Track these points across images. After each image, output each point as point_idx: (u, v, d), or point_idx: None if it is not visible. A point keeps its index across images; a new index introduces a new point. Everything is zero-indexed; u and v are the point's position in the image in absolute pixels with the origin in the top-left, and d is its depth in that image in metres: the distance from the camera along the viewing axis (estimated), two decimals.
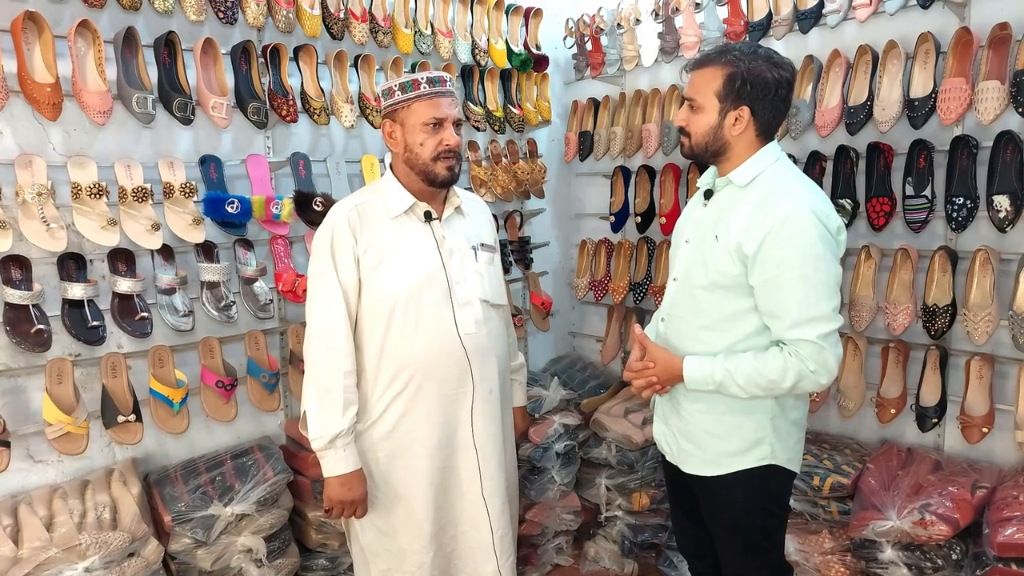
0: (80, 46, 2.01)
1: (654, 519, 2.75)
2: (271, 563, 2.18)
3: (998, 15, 2.06)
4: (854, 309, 2.33)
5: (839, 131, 2.35)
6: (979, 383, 2.17)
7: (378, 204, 1.85)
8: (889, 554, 2.04)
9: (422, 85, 1.77)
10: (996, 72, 2.04)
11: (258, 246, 2.42)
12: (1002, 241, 2.15)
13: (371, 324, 1.81)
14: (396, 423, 1.83)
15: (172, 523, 2.04)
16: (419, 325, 1.80)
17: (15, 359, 2.03)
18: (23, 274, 1.98)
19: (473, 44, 2.83)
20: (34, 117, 2.01)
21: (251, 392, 2.40)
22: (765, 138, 1.67)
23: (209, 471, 2.24)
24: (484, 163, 2.96)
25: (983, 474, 2.13)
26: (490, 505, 1.89)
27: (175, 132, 2.29)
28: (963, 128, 2.16)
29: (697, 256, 1.70)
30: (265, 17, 2.27)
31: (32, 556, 1.80)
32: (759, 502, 1.73)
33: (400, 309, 1.79)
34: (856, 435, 2.54)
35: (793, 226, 1.54)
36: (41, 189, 1.93)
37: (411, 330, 1.80)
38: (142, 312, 2.12)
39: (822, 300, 1.55)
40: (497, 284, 1.97)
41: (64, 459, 2.12)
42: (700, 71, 1.66)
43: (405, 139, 1.80)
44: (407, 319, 1.80)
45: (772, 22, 2.46)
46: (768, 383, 1.58)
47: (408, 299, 1.79)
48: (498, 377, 1.92)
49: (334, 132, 2.67)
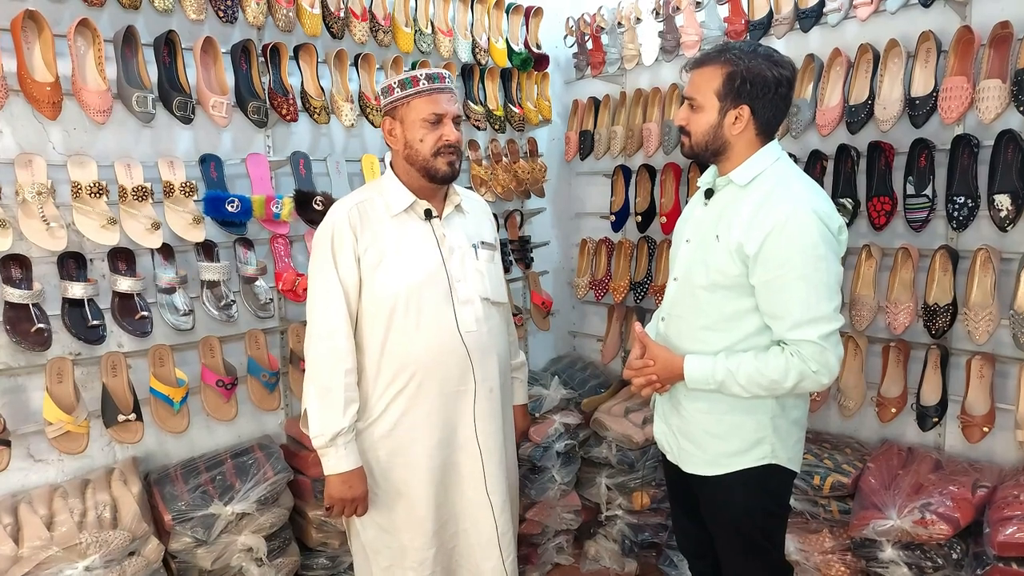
0: (80, 45, 2.00)
1: (654, 518, 2.75)
2: (271, 562, 2.18)
3: (999, 14, 2.06)
4: (855, 308, 2.33)
5: (840, 130, 2.34)
6: (980, 382, 2.16)
7: (378, 202, 1.84)
8: (889, 553, 2.04)
9: (421, 81, 1.77)
10: (997, 71, 2.04)
11: (258, 245, 2.42)
12: (1003, 240, 2.15)
13: (372, 323, 1.81)
14: (397, 421, 1.83)
15: (172, 522, 2.04)
16: (420, 323, 1.80)
17: (15, 358, 2.03)
18: (23, 273, 1.98)
19: (473, 43, 2.82)
20: (34, 116, 2.01)
21: (251, 391, 2.40)
22: (765, 137, 1.67)
23: (209, 470, 2.24)
24: (484, 162, 2.96)
25: (984, 473, 2.13)
26: (493, 502, 1.89)
27: (175, 131, 2.28)
28: (964, 127, 2.16)
29: (698, 256, 1.70)
30: (265, 16, 2.27)
31: (32, 555, 1.80)
32: (759, 502, 1.73)
33: (401, 307, 1.79)
34: (857, 434, 2.54)
35: (795, 226, 1.54)
36: (41, 188, 1.92)
37: (412, 328, 1.80)
38: (142, 311, 2.12)
39: (823, 300, 1.55)
40: (498, 282, 1.97)
41: (64, 458, 2.12)
42: (700, 70, 1.66)
43: (405, 136, 1.80)
44: (408, 317, 1.79)
45: (773, 21, 2.46)
46: (770, 383, 1.58)
47: (409, 297, 1.79)
48: (499, 375, 1.92)
49: (334, 131, 2.66)
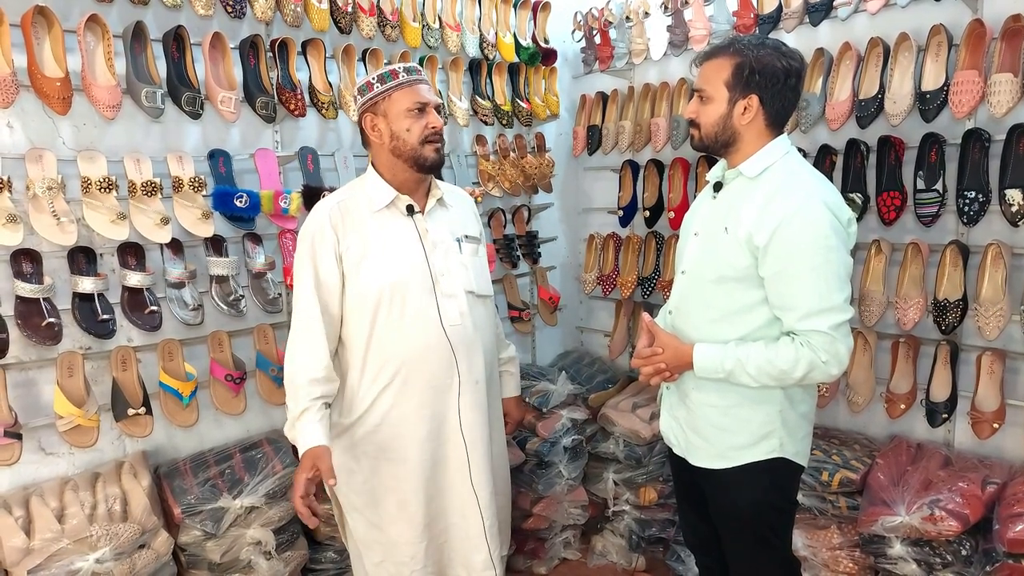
0: (89, 40, 2.01)
1: (661, 513, 2.75)
2: (280, 555, 2.20)
3: (1011, 7, 2.03)
4: (864, 304, 2.32)
5: (850, 124, 2.33)
6: (990, 378, 2.15)
7: (361, 199, 1.86)
8: (898, 549, 2.04)
9: (400, 74, 1.80)
10: (1009, 64, 2.02)
11: (267, 240, 2.42)
12: (1014, 235, 2.13)
13: (357, 319, 1.82)
14: (384, 416, 1.84)
15: (182, 515, 2.06)
16: (404, 318, 1.81)
17: (26, 352, 2.04)
18: (34, 268, 1.99)
19: (481, 38, 2.82)
20: (44, 111, 2.02)
21: (260, 385, 2.40)
22: (775, 129, 1.66)
23: (218, 464, 2.25)
24: (492, 157, 2.96)
25: (993, 470, 2.12)
26: (479, 495, 1.90)
27: (184, 126, 2.29)
28: (975, 121, 2.14)
29: (706, 249, 1.70)
30: (273, 11, 2.27)
31: (44, 547, 1.82)
32: (766, 496, 1.73)
33: (385, 303, 1.80)
34: (865, 430, 2.53)
35: (805, 217, 1.54)
36: (51, 183, 1.94)
37: (396, 323, 1.81)
38: (152, 306, 2.13)
39: (834, 291, 1.55)
40: (482, 275, 1.98)
41: (75, 451, 2.14)
42: (709, 62, 1.66)
43: (391, 128, 1.81)
44: (392, 313, 1.81)
45: (782, 14, 2.45)
46: (779, 373, 1.58)
47: (392, 293, 1.80)
48: (484, 368, 1.93)
49: (342, 126, 2.67)
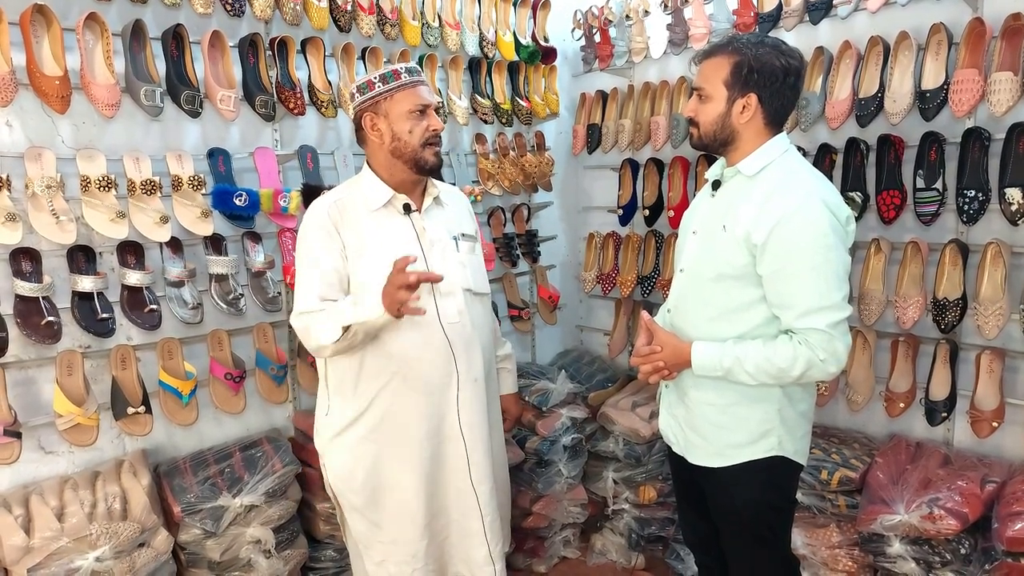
0: (88, 39, 2.01)
1: (661, 512, 2.75)
2: (280, 554, 2.20)
3: (1011, 5, 2.03)
4: (864, 302, 2.32)
5: (849, 123, 2.33)
6: (989, 377, 2.15)
7: (357, 198, 1.85)
8: (897, 548, 2.04)
9: (402, 75, 1.79)
10: (1009, 63, 2.02)
11: (266, 239, 2.42)
12: (1014, 234, 2.13)
13: None
14: (384, 415, 1.84)
15: (181, 514, 2.06)
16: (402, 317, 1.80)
17: (26, 351, 2.04)
18: (33, 266, 1.99)
19: (481, 36, 2.82)
20: (43, 110, 2.02)
21: (260, 384, 2.41)
22: (774, 127, 1.66)
23: (218, 462, 2.26)
24: (491, 156, 2.95)
25: (993, 469, 2.12)
26: (479, 492, 1.90)
27: (183, 125, 2.29)
28: (975, 120, 2.14)
29: (705, 247, 1.70)
30: (272, 10, 2.27)
31: (43, 546, 1.82)
32: (765, 495, 1.73)
33: None
34: (865, 429, 2.53)
35: (803, 215, 1.54)
36: (50, 182, 1.94)
37: (394, 322, 1.79)
38: (151, 305, 2.13)
39: (832, 289, 1.55)
40: (479, 273, 1.98)
41: (75, 450, 2.14)
42: (708, 61, 1.66)
43: (392, 129, 1.80)
44: None
45: (782, 13, 2.44)
46: (778, 371, 1.58)
47: None
48: (483, 365, 1.93)
49: (342, 125, 2.66)
